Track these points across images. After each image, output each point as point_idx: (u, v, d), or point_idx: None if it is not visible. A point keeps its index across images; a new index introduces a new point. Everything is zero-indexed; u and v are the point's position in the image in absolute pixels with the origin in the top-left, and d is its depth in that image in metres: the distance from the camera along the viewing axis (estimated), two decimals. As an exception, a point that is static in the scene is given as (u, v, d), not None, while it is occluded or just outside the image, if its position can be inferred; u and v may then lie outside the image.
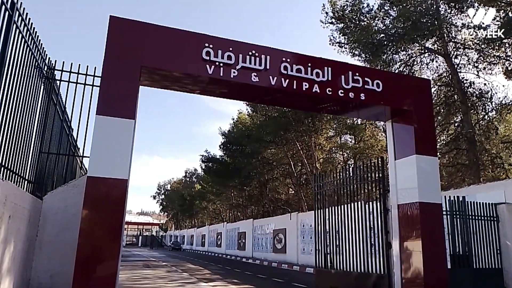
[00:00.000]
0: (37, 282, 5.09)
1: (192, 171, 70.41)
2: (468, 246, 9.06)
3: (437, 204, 6.22)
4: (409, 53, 20.60)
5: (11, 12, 4.06)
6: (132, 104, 5.01)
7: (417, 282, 5.95)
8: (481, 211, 9.65)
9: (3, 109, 4.07)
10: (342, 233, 8.70)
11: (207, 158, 40.16)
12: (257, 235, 31.92)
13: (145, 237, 79.84)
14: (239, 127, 33.88)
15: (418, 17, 18.12)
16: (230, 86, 5.76)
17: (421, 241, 5.93)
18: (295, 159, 32.22)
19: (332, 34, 21.48)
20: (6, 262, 4.04)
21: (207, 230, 50.57)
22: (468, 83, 19.89)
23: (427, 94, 6.98)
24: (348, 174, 9.00)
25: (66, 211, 5.30)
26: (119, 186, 4.71)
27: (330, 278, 8.68)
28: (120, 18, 5.18)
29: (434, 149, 6.68)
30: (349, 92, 6.03)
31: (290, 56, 5.88)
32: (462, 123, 19.77)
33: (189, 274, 15.70)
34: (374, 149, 27.22)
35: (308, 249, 22.47)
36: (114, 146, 4.80)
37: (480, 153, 19.87)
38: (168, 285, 11.69)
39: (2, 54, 3.93)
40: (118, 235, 4.63)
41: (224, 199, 48.25)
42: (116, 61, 5.01)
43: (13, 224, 4.07)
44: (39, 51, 5.29)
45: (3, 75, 3.96)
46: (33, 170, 5.43)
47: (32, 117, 5.23)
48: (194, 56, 5.37)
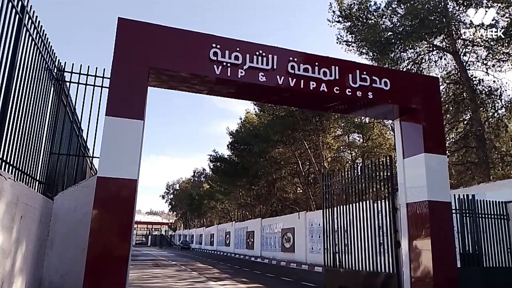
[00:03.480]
0: (49, 281, 5.15)
1: (200, 170, 70.69)
2: (478, 245, 8.98)
3: (446, 203, 6.19)
4: (417, 51, 20.45)
5: (21, 15, 4.10)
6: (140, 105, 5.05)
7: (426, 281, 5.92)
8: (491, 209, 9.56)
9: (14, 111, 4.13)
10: (350, 232, 8.69)
11: (215, 158, 40.28)
12: (265, 234, 31.93)
13: (154, 236, 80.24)
14: (247, 126, 33.88)
15: (426, 15, 17.99)
16: (237, 86, 5.78)
17: (430, 240, 5.90)
18: (303, 158, 32.16)
19: (339, 32, 21.43)
20: (19, 262, 4.10)
21: (215, 229, 50.68)
22: (477, 81, 19.72)
23: (436, 92, 6.94)
24: (356, 173, 8.98)
25: (76, 211, 5.35)
26: (129, 186, 4.75)
27: (339, 277, 8.67)
28: (128, 20, 5.23)
29: (443, 147, 6.64)
30: (357, 90, 6.02)
31: (297, 56, 5.88)
32: (471, 121, 19.60)
33: (198, 273, 15.76)
34: (382, 147, 27.08)
35: (316, 248, 22.43)
36: (123, 146, 4.85)
37: (490, 151, 19.69)
38: (177, 284, 11.75)
39: (13, 56, 3.98)
40: (128, 234, 4.67)
41: (232, 198, 48.33)
42: (124, 62, 5.06)
43: (24, 224, 4.13)
44: (48, 53, 5.35)
45: (14, 77, 4.02)
46: (44, 171, 5.49)
47: (43, 118, 5.29)
48: (201, 57, 5.40)
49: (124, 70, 5.03)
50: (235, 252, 39.29)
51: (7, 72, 3.84)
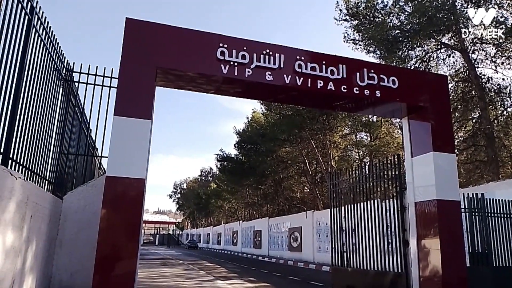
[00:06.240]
0: (58, 280, 5.20)
1: (207, 170, 70.93)
2: (487, 244, 8.91)
3: (455, 202, 6.14)
4: (425, 49, 20.32)
5: (30, 17, 4.15)
6: (148, 105, 5.08)
7: (435, 280, 5.88)
8: (501, 208, 9.48)
9: (24, 112, 4.17)
10: (358, 231, 8.66)
11: (222, 157, 40.37)
12: (272, 234, 31.95)
13: (162, 235, 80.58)
14: (254, 126, 33.92)
15: (434, 12, 17.87)
16: (244, 85, 5.78)
17: (439, 239, 5.86)
18: (310, 157, 32.11)
19: (346, 31, 21.38)
20: (29, 261, 4.14)
21: (223, 228, 50.81)
22: (486, 79, 19.54)
23: (444, 90, 6.89)
24: (364, 172, 8.95)
25: (85, 210, 5.39)
26: (137, 185, 4.78)
27: (346, 276, 8.65)
28: (136, 20, 5.25)
29: (452, 145, 6.59)
30: (364, 89, 5.99)
31: (304, 54, 5.86)
32: (480, 119, 19.44)
33: (206, 272, 15.81)
34: (390, 146, 26.97)
35: (324, 247, 22.40)
36: (132, 146, 4.87)
37: (499, 150, 19.52)
38: (185, 283, 11.80)
39: (23, 57, 4.02)
40: (136, 233, 4.70)
41: (239, 197, 48.42)
42: (132, 62, 5.08)
43: (34, 223, 4.17)
44: (57, 53, 5.40)
45: (23, 78, 4.06)
46: (53, 170, 5.54)
47: (52, 119, 5.34)
48: (209, 56, 5.40)
49: (132, 70, 5.06)
50: (242, 251, 39.36)
51: (16, 73, 3.88)
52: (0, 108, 3.54)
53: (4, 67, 3.56)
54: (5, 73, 3.58)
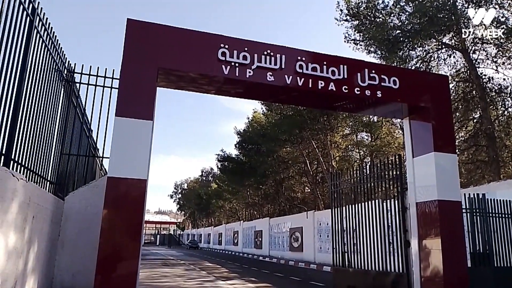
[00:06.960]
0: (60, 281, 5.21)
1: (208, 170, 70.87)
2: (488, 244, 8.90)
3: (456, 202, 6.14)
4: (425, 49, 20.32)
5: (32, 17, 4.15)
6: (150, 105, 5.08)
7: (436, 280, 5.88)
8: (502, 208, 9.47)
9: (26, 113, 4.18)
10: (359, 231, 8.65)
11: (223, 157, 40.39)
12: (273, 234, 31.95)
13: (163, 235, 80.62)
14: (254, 126, 33.91)
15: (435, 12, 17.86)
16: (245, 86, 5.78)
17: (441, 239, 5.86)
18: (310, 158, 32.12)
19: (347, 31, 21.38)
20: (31, 262, 4.15)
21: (224, 228, 50.82)
22: (487, 79, 19.54)
23: (445, 91, 6.88)
24: (365, 172, 8.94)
25: (87, 211, 5.40)
26: (139, 186, 4.78)
27: (348, 277, 8.64)
28: (137, 21, 5.25)
29: (453, 146, 6.58)
30: (365, 89, 5.99)
31: (305, 55, 5.87)
32: (481, 119, 19.42)
33: (207, 272, 15.82)
34: (391, 146, 26.98)
35: (325, 248, 22.40)
36: (133, 146, 4.88)
37: (500, 150, 19.50)
38: (187, 283, 11.81)
39: (24, 58, 4.03)
40: (138, 234, 4.70)
41: (240, 197, 48.42)
42: (133, 63, 5.09)
43: (36, 224, 4.18)
44: (58, 54, 5.40)
45: (25, 79, 4.07)
46: (54, 171, 5.55)
47: (53, 119, 5.34)
48: (210, 57, 5.41)
49: (133, 71, 5.06)
50: (243, 251, 39.36)
51: (18, 74, 3.89)
52: (2, 109, 3.55)
53: (6, 68, 3.57)
54: (6, 74, 3.59)
